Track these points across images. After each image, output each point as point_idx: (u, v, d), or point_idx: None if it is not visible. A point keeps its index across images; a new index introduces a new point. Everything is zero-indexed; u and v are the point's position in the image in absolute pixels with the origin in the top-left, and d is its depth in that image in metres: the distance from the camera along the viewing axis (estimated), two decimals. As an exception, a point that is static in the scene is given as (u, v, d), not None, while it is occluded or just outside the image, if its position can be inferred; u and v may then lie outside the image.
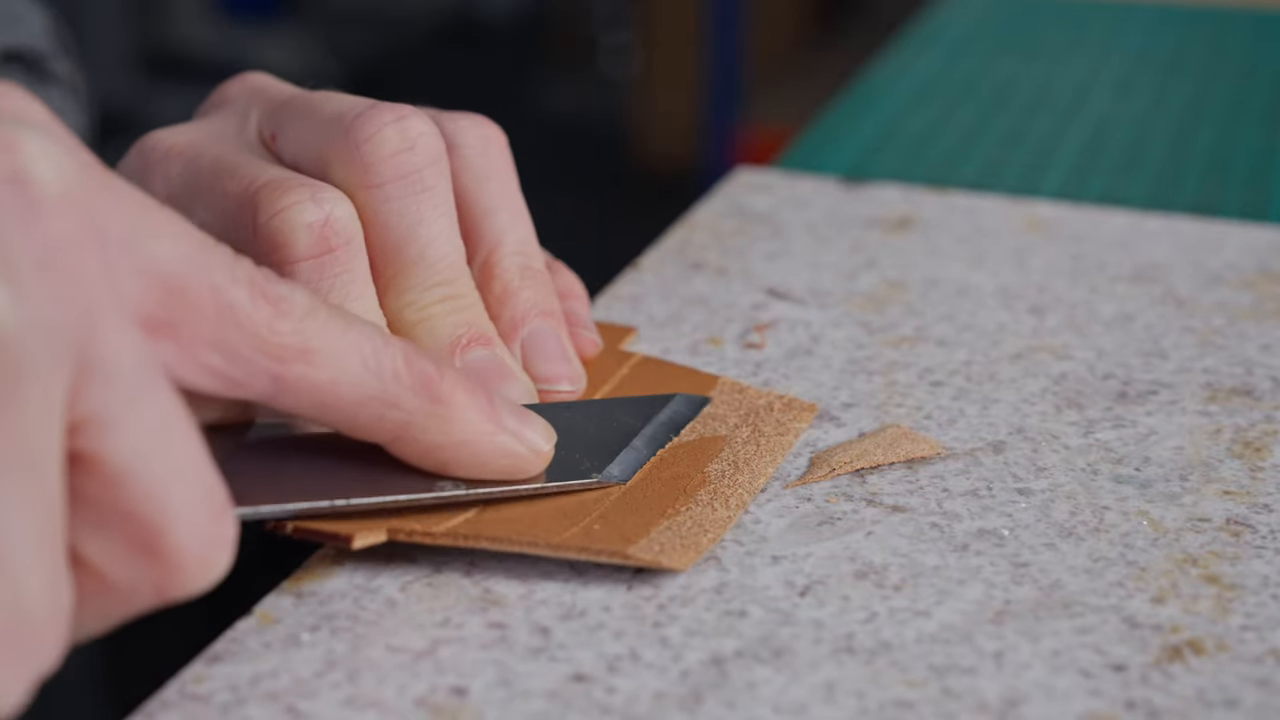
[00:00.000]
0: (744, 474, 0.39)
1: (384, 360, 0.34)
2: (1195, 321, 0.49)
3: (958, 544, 0.37)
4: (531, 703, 0.32)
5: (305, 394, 0.33)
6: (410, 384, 0.34)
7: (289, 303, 0.32)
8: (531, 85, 3.13)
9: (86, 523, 0.29)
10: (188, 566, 0.30)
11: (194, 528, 0.30)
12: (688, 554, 0.36)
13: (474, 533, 0.35)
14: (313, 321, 0.33)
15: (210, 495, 0.30)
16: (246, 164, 0.39)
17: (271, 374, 0.32)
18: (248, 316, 0.32)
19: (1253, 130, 0.71)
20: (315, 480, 0.35)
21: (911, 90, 0.78)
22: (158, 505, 0.29)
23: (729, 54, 2.48)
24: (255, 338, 0.32)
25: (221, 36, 3.08)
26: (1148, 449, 0.41)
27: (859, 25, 2.85)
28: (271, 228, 0.38)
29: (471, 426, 0.35)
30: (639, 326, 0.48)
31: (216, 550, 0.30)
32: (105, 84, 2.76)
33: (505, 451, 0.36)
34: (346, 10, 3.35)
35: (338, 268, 0.38)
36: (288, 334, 0.32)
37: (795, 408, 0.42)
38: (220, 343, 0.32)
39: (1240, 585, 0.35)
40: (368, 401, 0.33)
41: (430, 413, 0.34)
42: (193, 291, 0.31)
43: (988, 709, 0.31)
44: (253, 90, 0.42)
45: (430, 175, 0.39)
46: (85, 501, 0.29)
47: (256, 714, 0.31)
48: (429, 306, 0.40)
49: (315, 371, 0.33)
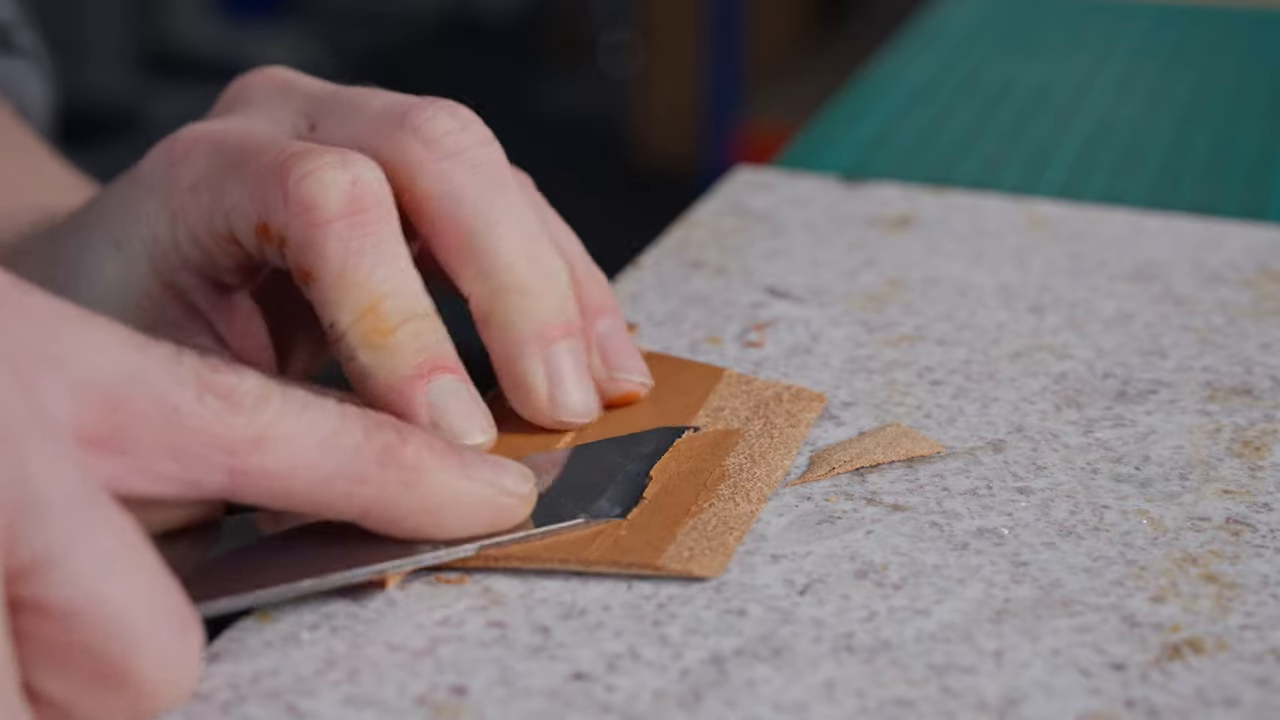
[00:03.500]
0: (761, 467, 0.39)
1: (343, 436, 0.33)
2: (1195, 320, 0.49)
3: (957, 543, 0.37)
4: (531, 701, 0.32)
5: (265, 484, 0.32)
6: (374, 457, 0.33)
7: (239, 393, 0.31)
8: (531, 83, 3.13)
9: (44, 663, 0.28)
10: (157, 692, 0.29)
11: (158, 652, 0.28)
12: (717, 557, 0.36)
13: (503, 554, 0.35)
14: (265, 409, 0.32)
15: (171, 613, 0.29)
16: (276, 141, 0.39)
17: (227, 468, 0.31)
18: (195, 416, 0.31)
19: (1253, 129, 0.71)
20: (288, 563, 0.34)
21: (911, 89, 0.78)
22: (116, 638, 0.28)
23: (729, 52, 2.48)
24: (205, 435, 0.31)
25: (222, 35, 3.08)
26: (1147, 448, 0.41)
27: (859, 24, 2.85)
28: (301, 189, 0.37)
29: (446, 487, 0.34)
30: (639, 325, 0.48)
31: (184, 670, 0.29)
32: (106, 82, 2.76)
33: (486, 503, 0.35)
34: (347, 8, 3.35)
35: (369, 227, 0.38)
36: (240, 426, 0.31)
37: (804, 398, 0.42)
38: (170, 448, 0.31)
39: (1240, 584, 0.35)
40: (332, 481, 0.32)
41: (399, 480, 0.33)
42: (134, 403, 0.30)
43: (987, 708, 0.32)
44: (281, 84, 0.42)
45: (483, 152, 0.40)
46: (40, 643, 0.28)
47: (256, 712, 0.31)
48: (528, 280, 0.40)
49: (272, 459, 0.32)
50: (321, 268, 0.38)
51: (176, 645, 0.29)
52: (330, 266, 0.38)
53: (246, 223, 0.39)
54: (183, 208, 0.40)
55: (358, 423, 0.33)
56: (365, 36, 3.25)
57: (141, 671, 0.28)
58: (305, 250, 0.38)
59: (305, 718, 0.31)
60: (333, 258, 0.38)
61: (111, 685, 0.28)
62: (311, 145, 0.38)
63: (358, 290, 0.38)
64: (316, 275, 0.38)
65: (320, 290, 0.38)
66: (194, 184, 0.40)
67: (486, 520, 0.35)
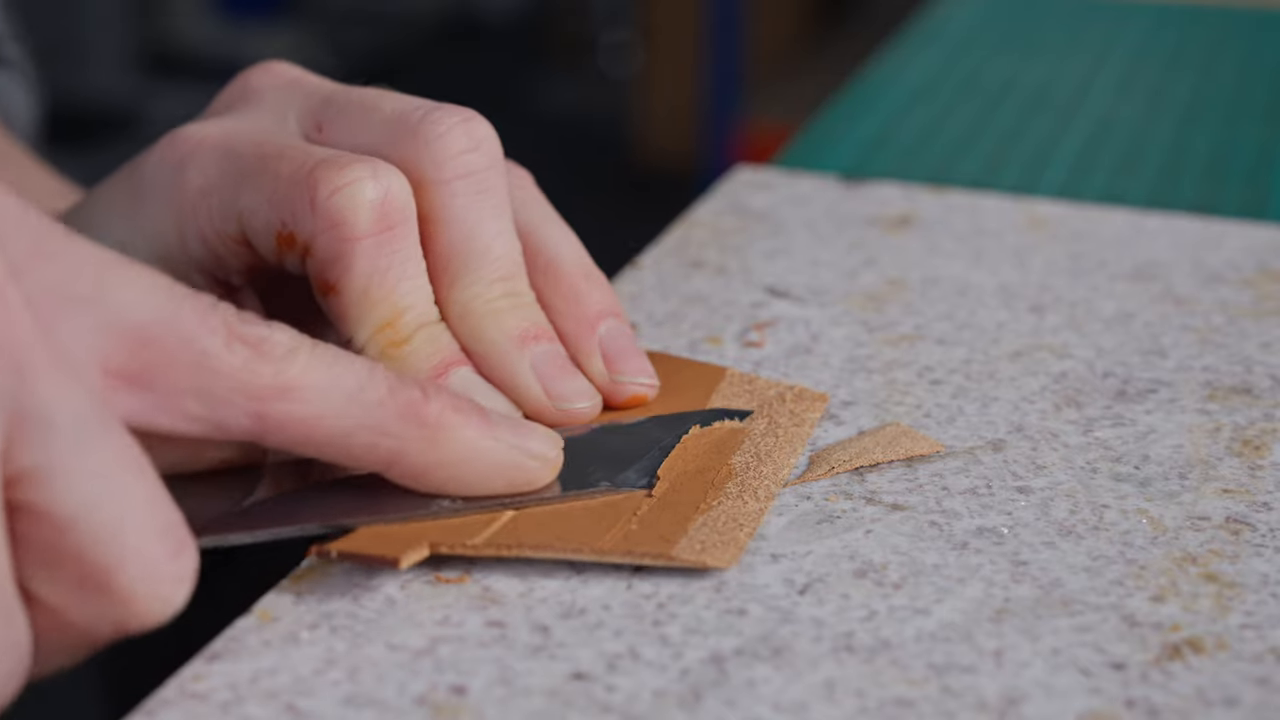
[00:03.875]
0: (767, 465, 0.39)
1: (368, 391, 0.34)
2: (1195, 320, 0.49)
3: (957, 542, 0.37)
4: (531, 701, 0.32)
5: (291, 430, 0.33)
6: (396, 411, 0.34)
7: (269, 343, 0.33)
8: (531, 83, 3.13)
9: (37, 563, 0.30)
10: (140, 603, 0.30)
11: (146, 567, 0.30)
12: (728, 550, 0.36)
13: (515, 541, 0.35)
14: (294, 360, 0.33)
15: (165, 533, 0.30)
16: (295, 147, 0.39)
17: (253, 414, 0.33)
18: (223, 361, 0.32)
19: (1253, 129, 0.71)
20: (307, 508, 0.36)
21: (911, 88, 0.78)
22: (105, 548, 0.30)
23: (729, 52, 2.48)
24: (232, 380, 0.32)
25: (221, 35, 3.08)
26: (1147, 447, 0.41)
27: (859, 24, 2.85)
28: (332, 205, 0.38)
29: (467, 445, 0.35)
30: (638, 325, 0.48)
31: (170, 586, 0.31)
32: (105, 82, 2.76)
33: (508, 464, 0.36)
34: (347, 8, 3.34)
35: (396, 245, 0.38)
36: (268, 375, 0.33)
37: (807, 397, 0.43)
38: (197, 389, 0.32)
39: (1240, 584, 0.35)
40: (356, 432, 0.34)
41: (420, 436, 0.34)
42: (163, 342, 0.32)
43: (987, 707, 0.31)
44: (287, 83, 0.42)
45: (492, 176, 0.40)
46: (33, 544, 0.30)
47: (256, 712, 0.31)
48: (495, 300, 0.40)
49: (298, 408, 0.33)
50: (347, 284, 0.38)
51: (165, 563, 0.30)
52: (356, 284, 0.38)
53: (266, 228, 0.39)
54: (192, 209, 0.40)
55: (384, 379, 0.34)
56: (365, 36, 3.25)
57: (126, 582, 0.30)
58: (332, 265, 0.38)
59: (305, 717, 0.31)
60: (359, 275, 0.38)
61: (98, 592, 0.30)
62: (338, 154, 0.38)
63: (381, 306, 0.38)
64: (340, 290, 0.38)
65: (342, 305, 0.39)
66: (204, 187, 0.40)
67: (506, 480, 0.36)
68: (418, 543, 0.35)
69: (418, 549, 0.35)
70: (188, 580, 0.31)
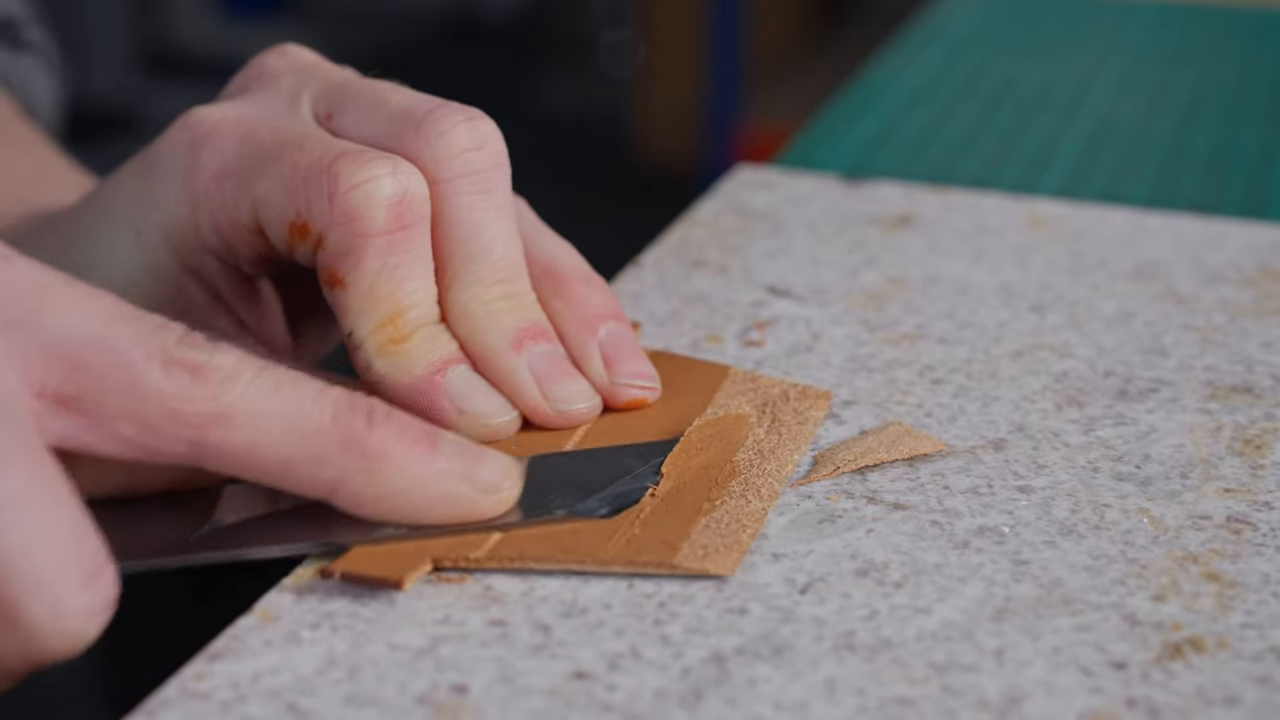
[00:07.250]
0: (771, 463, 0.39)
1: (309, 420, 0.33)
2: (1196, 319, 0.49)
3: (958, 541, 0.37)
4: (532, 700, 0.32)
5: (228, 458, 0.33)
6: (337, 440, 0.34)
7: (207, 369, 0.32)
8: (532, 82, 3.13)
9: None
10: (47, 638, 0.30)
11: (52, 599, 0.30)
12: (731, 555, 0.36)
13: (517, 554, 0.35)
14: (232, 386, 0.33)
15: (77, 563, 0.30)
16: (314, 137, 0.39)
17: (189, 440, 0.32)
18: (156, 386, 0.32)
19: (1254, 128, 0.71)
20: (254, 530, 0.35)
21: (912, 88, 0.78)
22: (10, 578, 0.29)
23: (729, 51, 2.48)
24: (164, 405, 0.32)
25: (222, 34, 3.09)
26: (1148, 446, 0.41)
27: (859, 23, 2.85)
28: (351, 200, 0.38)
29: (408, 476, 0.34)
30: (640, 324, 0.48)
31: (79, 620, 0.30)
32: (106, 81, 2.76)
33: (451, 495, 0.35)
34: (347, 7, 3.35)
35: (409, 244, 0.38)
36: (202, 400, 0.32)
37: (810, 396, 0.42)
38: (129, 413, 0.32)
39: (1241, 583, 0.35)
40: (294, 461, 0.33)
41: (361, 468, 0.34)
42: (95, 365, 0.32)
43: (988, 706, 0.31)
44: (302, 67, 0.42)
45: (496, 176, 0.40)
46: None
47: (257, 711, 0.31)
48: (494, 301, 0.40)
49: (234, 435, 0.33)
50: (356, 279, 0.38)
51: (75, 595, 0.30)
52: (364, 280, 0.38)
53: (280, 217, 0.39)
54: (206, 194, 0.40)
55: (329, 405, 0.34)
56: (366, 35, 3.25)
57: (32, 615, 0.30)
58: (343, 259, 0.38)
59: (306, 717, 0.31)
60: (368, 272, 0.38)
61: (4, 624, 0.30)
62: (360, 149, 0.38)
63: (384, 303, 0.38)
64: (348, 284, 0.38)
65: (346, 299, 0.39)
66: (219, 172, 0.39)
67: (449, 512, 0.35)
68: (419, 559, 0.35)
69: (420, 567, 0.35)
70: (100, 613, 0.31)
